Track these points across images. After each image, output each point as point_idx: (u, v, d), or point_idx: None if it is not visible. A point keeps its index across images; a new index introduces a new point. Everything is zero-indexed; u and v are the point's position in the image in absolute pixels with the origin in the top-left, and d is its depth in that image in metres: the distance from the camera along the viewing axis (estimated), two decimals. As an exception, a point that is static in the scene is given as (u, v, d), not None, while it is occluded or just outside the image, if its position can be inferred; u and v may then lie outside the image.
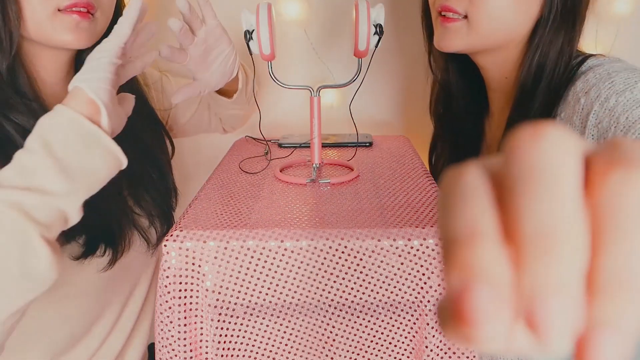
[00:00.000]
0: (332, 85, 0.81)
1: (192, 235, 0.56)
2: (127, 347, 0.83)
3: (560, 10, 0.67)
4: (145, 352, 0.90)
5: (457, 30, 0.71)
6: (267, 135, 0.85)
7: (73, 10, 0.66)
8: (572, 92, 0.65)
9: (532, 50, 0.70)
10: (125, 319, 0.81)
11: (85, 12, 0.67)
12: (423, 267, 0.55)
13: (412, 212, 0.60)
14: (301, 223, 0.58)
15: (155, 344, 0.58)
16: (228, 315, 0.57)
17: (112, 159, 0.58)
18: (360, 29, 0.68)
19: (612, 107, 0.58)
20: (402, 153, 0.87)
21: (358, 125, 0.84)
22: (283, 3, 1.02)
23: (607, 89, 0.60)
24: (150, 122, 0.85)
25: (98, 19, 0.70)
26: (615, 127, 0.56)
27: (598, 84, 0.61)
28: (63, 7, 0.65)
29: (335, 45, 1.06)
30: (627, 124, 0.55)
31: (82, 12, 0.66)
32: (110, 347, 0.80)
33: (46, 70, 0.72)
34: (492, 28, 0.69)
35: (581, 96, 0.63)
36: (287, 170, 0.79)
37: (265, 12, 0.67)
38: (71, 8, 0.65)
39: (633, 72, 0.61)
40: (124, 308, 0.81)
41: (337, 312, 0.57)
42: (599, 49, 1.03)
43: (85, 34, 0.68)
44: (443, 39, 0.72)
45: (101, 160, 0.57)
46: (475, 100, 0.84)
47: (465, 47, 0.72)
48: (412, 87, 1.09)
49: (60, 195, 0.54)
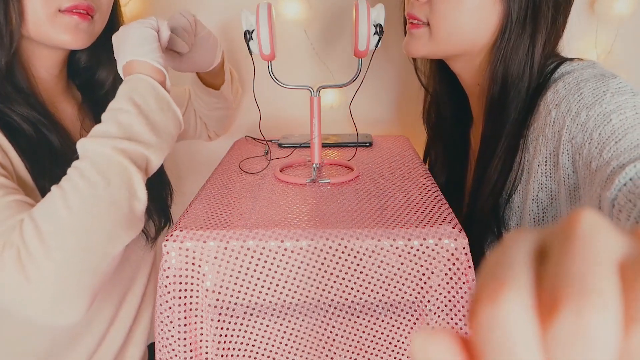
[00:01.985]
0: (332, 85, 0.81)
1: (192, 235, 0.56)
2: (127, 345, 0.83)
3: (521, 19, 0.67)
4: (146, 351, 0.90)
5: (420, 36, 0.73)
6: (267, 135, 0.85)
7: (73, 11, 0.67)
8: (543, 102, 0.65)
9: (496, 57, 0.70)
10: (124, 315, 0.81)
11: (84, 13, 0.69)
12: (423, 267, 0.54)
13: (412, 212, 0.60)
14: (301, 223, 0.58)
15: (155, 344, 0.58)
16: (228, 315, 0.57)
17: (178, 121, 0.67)
18: (360, 29, 0.68)
19: (583, 123, 0.58)
20: (402, 153, 0.87)
21: (358, 125, 0.84)
22: (283, 3, 1.02)
23: (576, 103, 0.60)
24: None
25: (96, 20, 0.72)
26: (590, 144, 0.56)
27: (568, 96, 0.61)
28: (64, 8, 0.67)
29: (335, 45, 1.06)
30: (600, 141, 0.55)
31: (82, 13, 0.68)
32: (110, 345, 0.80)
33: (42, 68, 0.74)
34: (450, 35, 0.71)
35: (552, 108, 0.63)
36: (287, 170, 0.79)
37: (265, 12, 0.67)
38: (72, 9, 0.67)
39: (602, 81, 0.60)
40: (122, 303, 0.81)
41: (337, 312, 0.57)
42: (599, 49, 1.03)
43: (83, 34, 0.70)
44: (408, 44, 0.76)
45: (172, 122, 0.66)
46: (461, 107, 0.85)
47: (427, 53, 0.75)
48: (412, 87, 1.09)
49: (152, 146, 0.62)
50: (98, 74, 0.82)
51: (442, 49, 0.73)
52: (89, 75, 0.83)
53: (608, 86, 0.59)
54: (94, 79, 0.82)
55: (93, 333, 0.76)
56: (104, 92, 0.82)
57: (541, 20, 0.68)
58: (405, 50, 0.76)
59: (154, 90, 0.64)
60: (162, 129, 0.64)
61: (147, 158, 0.62)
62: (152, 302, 0.88)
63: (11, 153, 0.65)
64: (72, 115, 0.80)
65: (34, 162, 0.66)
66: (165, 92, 0.65)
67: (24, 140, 0.66)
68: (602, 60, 1.03)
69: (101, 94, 0.82)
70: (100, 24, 0.74)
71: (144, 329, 0.86)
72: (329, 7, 1.03)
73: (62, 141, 0.71)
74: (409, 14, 0.74)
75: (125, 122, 0.61)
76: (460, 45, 0.72)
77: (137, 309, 0.84)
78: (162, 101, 0.65)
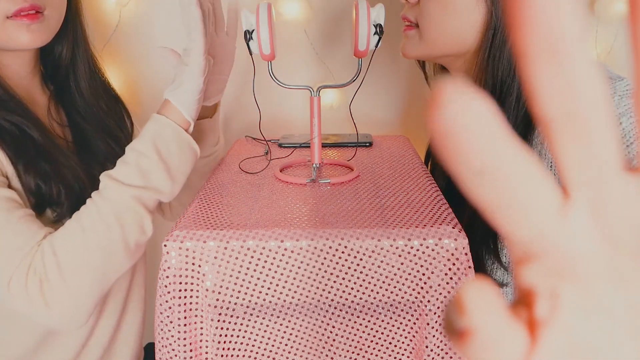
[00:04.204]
0: (332, 85, 0.81)
1: (192, 235, 0.56)
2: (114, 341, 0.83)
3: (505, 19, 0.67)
4: (141, 350, 0.90)
5: (412, 38, 0.74)
6: (267, 135, 0.85)
7: (21, 14, 0.68)
8: None
9: (482, 58, 0.70)
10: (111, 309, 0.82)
11: (33, 13, 0.69)
12: (423, 267, 0.54)
13: (412, 212, 0.60)
14: (301, 223, 0.58)
15: (155, 344, 0.58)
16: (228, 315, 0.57)
17: (195, 156, 0.74)
18: (360, 29, 0.68)
19: None
20: (402, 153, 0.87)
21: (358, 125, 0.84)
22: (283, 3, 1.02)
23: None
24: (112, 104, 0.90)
25: (49, 15, 0.72)
26: None
27: None
28: (11, 14, 0.68)
29: (335, 45, 1.06)
30: None
31: (30, 14, 0.69)
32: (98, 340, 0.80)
33: (12, 69, 0.76)
34: (438, 36, 0.71)
35: None
36: (287, 170, 0.79)
37: (265, 12, 0.67)
38: (18, 13, 0.68)
39: (609, 83, 0.60)
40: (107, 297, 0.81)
41: (337, 312, 0.57)
42: (599, 49, 1.03)
43: (38, 34, 0.71)
44: (403, 46, 0.77)
45: (190, 160, 0.73)
46: None
47: (419, 55, 0.76)
48: (412, 87, 1.09)
49: (165, 193, 0.70)
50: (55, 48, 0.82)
51: (432, 50, 0.73)
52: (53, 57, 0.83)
53: (615, 89, 0.59)
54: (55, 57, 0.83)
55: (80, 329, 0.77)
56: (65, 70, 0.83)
57: None
58: (402, 52, 0.77)
59: (178, 136, 0.71)
60: (179, 173, 0.71)
61: (159, 201, 0.71)
62: (141, 296, 0.88)
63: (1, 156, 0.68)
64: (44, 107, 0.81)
65: (19, 159, 0.69)
66: (190, 137, 0.72)
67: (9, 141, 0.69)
68: (602, 60, 1.03)
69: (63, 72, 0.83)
70: (56, 17, 0.74)
71: (134, 321, 0.86)
72: (329, 7, 1.03)
73: (42, 134, 0.73)
74: (402, 16, 0.75)
75: (145, 168, 0.69)
76: (449, 46, 0.72)
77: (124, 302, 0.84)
78: (183, 143, 0.71)
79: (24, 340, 0.73)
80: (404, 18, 0.74)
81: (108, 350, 0.81)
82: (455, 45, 0.71)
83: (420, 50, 0.74)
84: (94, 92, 0.85)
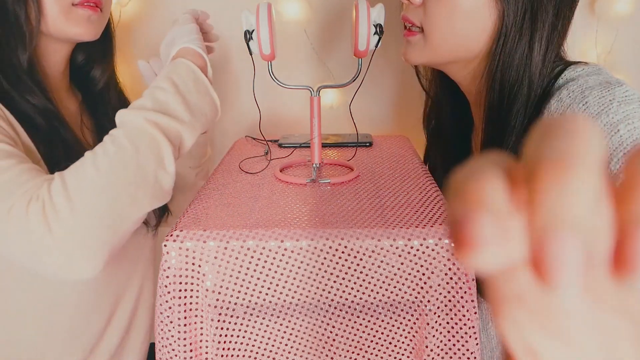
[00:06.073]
0: (332, 85, 0.81)
1: (192, 235, 0.56)
2: (125, 342, 0.83)
3: (517, 24, 0.65)
4: (146, 350, 0.90)
5: (416, 43, 0.71)
6: (267, 135, 0.85)
7: (85, 4, 0.72)
8: (547, 111, 0.63)
9: (492, 63, 0.67)
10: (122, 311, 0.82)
11: (94, 6, 0.73)
12: (423, 267, 0.54)
13: (412, 212, 0.60)
14: (301, 223, 0.58)
15: (155, 344, 0.58)
16: (228, 315, 0.57)
17: (214, 106, 0.72)
18: (360, 29, 0.68)
19: None
20: (402, 153, 0.87)
21: (358, 125, 0.84)
22: (283, 3, 1.02)
23: (582, 112, 0.58)
24: None
25: (104, 13, 0.77)
26: None
27: (572, 105, 0.60)
28: (77, 2, 0.72)
29: (335, 45, 1.06)
30: (607, 152, 0.54)
31: (92, 6, 0.73)
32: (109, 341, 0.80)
33: (51, 64, 0.78)
34: (445, 41, 0.68)
35: None
36: (287, 170, 0.79)
37: (265, 12, 0.67)
38: (83, 3, 0.72)
39: (607, 89, 0.59)
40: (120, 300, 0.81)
41: (337, 312, 0.57)
42: (599, 49, 1.03)
43: (94, 26, 0.75)
44: (406, 51, 0.74)
45: (208, 106, 0.70)
46: (462, 113, 0.83)
47: (425, 61, 0.73)
48: (412, 87, 1.09)
49: (185, 123, 0.66)
50: (92, 72, 0.85)
51: (439, 56, 0.71)
52: (84, 73, 0.85)
53: (614, 95, 0.57)
54: (88, 77, 0.85)
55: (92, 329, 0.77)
56: (98, 90, 0.85)
57: (539, 25, 0.65)
58: (404, 58, 0.75)
59: (194, 73, 0.69)
60: (198, 109, 0.68)
61: (180, 134, 0.65)
62: (150, 303, 0.88)
63: (24, 138, 0.68)
64: (74, 112, 0.82)
65: (48, 151, 0.69)
66: (204, 76, 0.70)
67: (39, 131, 0.70)
68: (602, 60, 1.03)
69: (96, 91, 0.85)
70: (106, 16, 0.78)
71: (142, 325, 0.86)
72: (329, 7, 1.03)
73: (70, 136, 0.74)
74: (403, 17, 0.72)
75: (162, 98, 0.65)
76: (455, 51, 0.69)
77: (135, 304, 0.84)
78: (200, 84, 0.69)
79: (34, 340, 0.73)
80: (405, 19, 0.72)
81: (115, 354, 0.82)
82: (463, 50, 0.69)
83: (424, 56, 0.71)
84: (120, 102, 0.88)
